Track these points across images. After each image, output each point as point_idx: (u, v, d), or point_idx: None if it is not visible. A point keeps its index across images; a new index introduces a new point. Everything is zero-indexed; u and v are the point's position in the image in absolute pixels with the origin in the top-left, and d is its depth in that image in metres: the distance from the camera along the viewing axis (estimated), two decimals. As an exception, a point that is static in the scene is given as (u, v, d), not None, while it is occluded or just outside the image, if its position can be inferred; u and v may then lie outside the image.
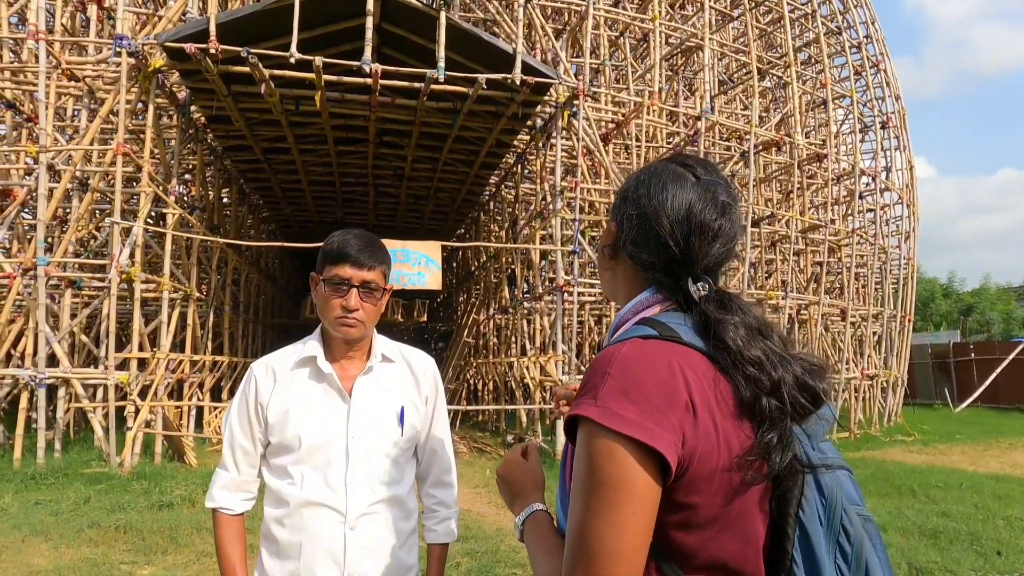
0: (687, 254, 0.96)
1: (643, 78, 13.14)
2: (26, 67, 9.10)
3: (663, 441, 0.81)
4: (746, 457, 0.86)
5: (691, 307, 0.95)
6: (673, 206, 0.97)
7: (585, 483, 0.84)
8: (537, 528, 1.02)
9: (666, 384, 0.84)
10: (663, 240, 0.96)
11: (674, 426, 0.82)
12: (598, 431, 0.82)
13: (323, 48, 9.10)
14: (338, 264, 1.54)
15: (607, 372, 0.85)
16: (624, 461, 0.81)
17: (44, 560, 4.65)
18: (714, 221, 0.96)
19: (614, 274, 1.05)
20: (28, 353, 8.19)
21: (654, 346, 0.88)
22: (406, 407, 1.62)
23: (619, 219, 1.02)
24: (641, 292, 1.00)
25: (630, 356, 0.86)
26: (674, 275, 0.97)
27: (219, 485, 1.58)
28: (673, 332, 0.91)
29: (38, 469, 7.30)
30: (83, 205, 8.84)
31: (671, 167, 1.01)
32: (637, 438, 0.81)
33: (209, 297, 11.30)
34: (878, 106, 16.46)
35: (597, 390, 0.84)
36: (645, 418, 0.82)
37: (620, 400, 0.82)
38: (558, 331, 9.47)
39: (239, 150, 12.18)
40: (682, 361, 0.87)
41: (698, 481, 0.84)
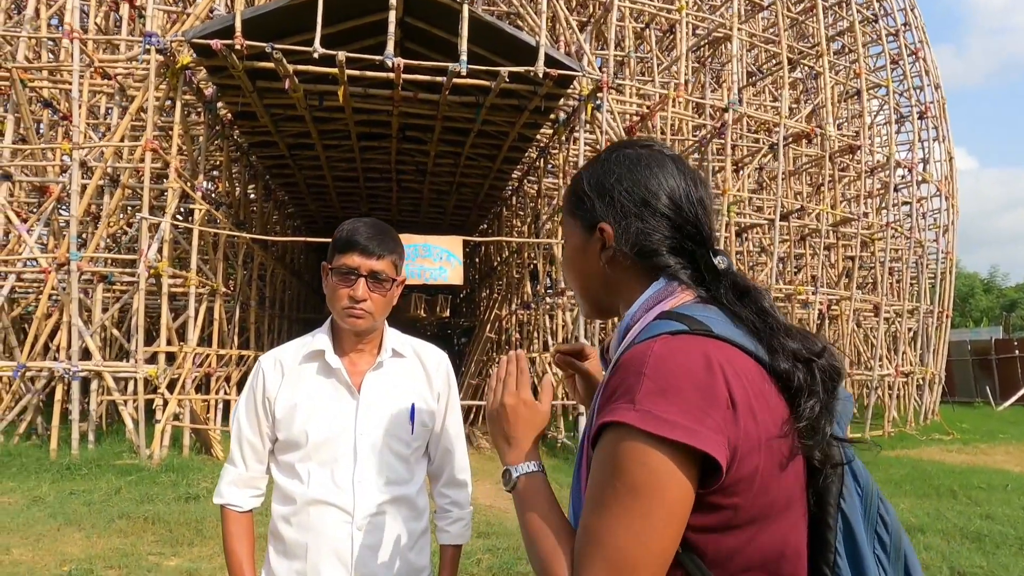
0: (698, 229, 0.93)
1: (669, 70, 12.94)
2: (61, 65, 9.30)
3: (712, 443, 0.77)
4: (787, 426, 0.82)
5: (716, 287, 0.91)
6: (669, 185, 0.94)
7: (611, 488, 0.79)
8: (537, 495, 0.94)
9: (706, 382, 0.79)
10: (676, 222, 0.93)
11: (719, 426, 0.78)
12: (635, 436, 0.77)
13: (346, 43, 9.12)
14: (346, 253, 1.50)
15: (641, 373, 0.80)
16: (660, 467, 0.77)
17: (77, 549, 4.76)
18: (706, 194, 0.96)
19: (607, 280, 0.97)
20: (63, 346, 8.38)
21: (687, 341, 0.83)
22: (417, 404, 1.57)
23: (615, 217, 0.95)
24: (646, 287, 0.93)
25: (664, 354, 0.81)
26: (688, 256, 0.93)
27: (227, 481, 1.56)
28: (702, 324, 0.85)
29: (73, 460, 7.48)
30: (113, 201, 9.01)
31: (634, 152, 0.97)
32: (685, 442, 0.76)
33: (236, 292, 11.45)
34: (916, 95, 15.98)
35: (633, 393, 0.79)
36: (690, 420, 0.77)
37: (659, 402, 0.78)
38: (580, 327, 9.39)
39: (265, 146, 12.30)
40: (719, 355, 0.82)
41: (739, 482, 0.80)
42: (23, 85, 8.85)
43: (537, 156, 12.53)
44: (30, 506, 5.84)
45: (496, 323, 14.38)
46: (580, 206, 0.99)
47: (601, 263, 0.97)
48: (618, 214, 0.95)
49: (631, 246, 0.94)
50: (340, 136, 11.96)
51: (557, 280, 10.94)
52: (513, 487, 0.98)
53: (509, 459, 1.00)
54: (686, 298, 0.91)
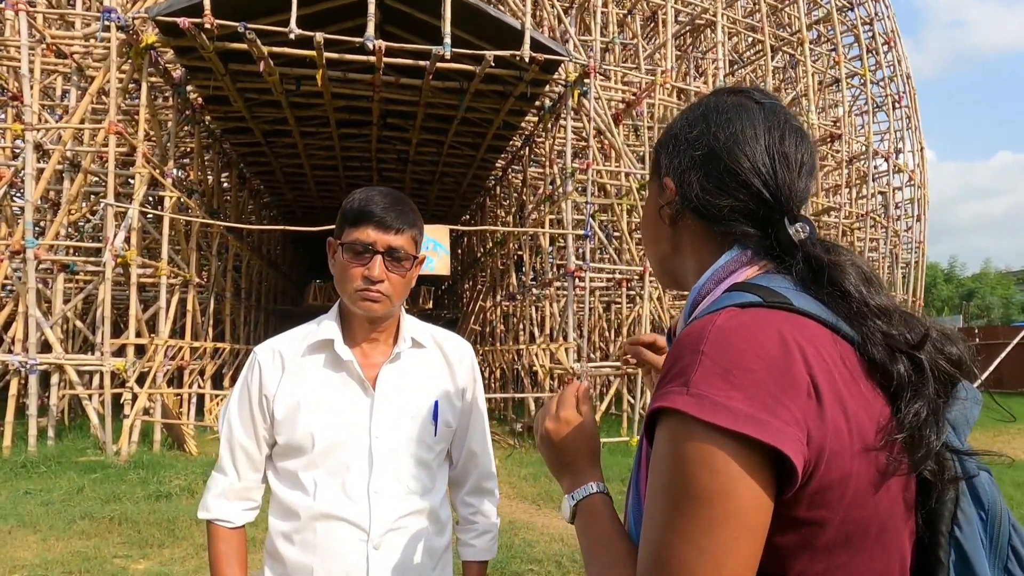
0: (777, 192, 0.77)
1: (652, 57, 12.78)
2: (6, 40, 8.74)
3: (784, 437, 0.62)
4: (887, 435, 0.66)
5: (791, 261, 0.75)
6: (747, 137, 0.78)
7: (670, 496, 0.65)
8: (595, 520, 0.82)
9: (780, 363, 0.64)
10: (745, 179, 0.77)
11: (796, 418, 0.63)
12: (691, 427, 0.63)
13: (324, 25, 8.76)
14: (359, 226, 1.27)
15: (699, 351, 0.65)
16: (726, 467, 0.62)
17: (30, 553, 4.43)
18: (796, 150, 0.79)
19: (675, 244, 0.84)
20: (19, 338, 7.93)
21: (757, 315, 0.68)
22: (440, 401, 1.35)
23: (677, 171, 0.81)
24: (717, 256, 0.79)
25: (729, 329, 0.66)
26: (762, 223, 0.78)
27: (215, 492, 1.31)
28: (781, 297, 0.70)
29: (29, 457, 7.07)
30: (74, 187, 8.55)
31: (725, 98, 0.83)
32: (749, 434, 0.61)
33: (209, 283, 11.04)
34: (888, 85, 16.11)
35: (688, 374, 0.65)
36: (757, 408, 0.62)
37: (721, 386, 0.63)
38: (569, 317, 9.21)
39: (239, 132, 11.86)
40: (797, 333, 0.67)
41: (827, 491, 0.64)
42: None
43: (522, 144, 12.29)
44: (-21, 508, 5.46)
45: (480, 315, 14.16)
46: (657, 161, 0.87)
47: (665, 223, 0.84)
48: (681, 167, 0.81)
49: (693, 206, 0.80)
50: (319, 123, 11.59)
51: (542, 271, 10.74)
52: (573, 516, 0.85)
53: (566, 487, 0.88)
54: (761, 270, 0.77)
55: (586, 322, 9.61)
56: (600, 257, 11.11)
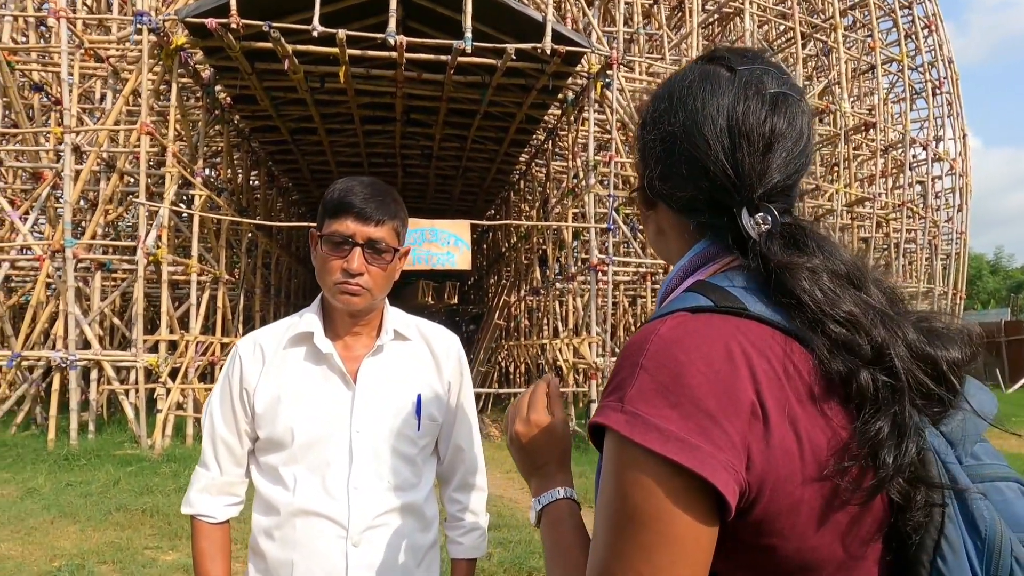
0: (736, 177, 0.67)
1: (678, 47, 12.58)
2: (49, 47, 9.03)
3: (714, 465, 0.57)
4: (840, 460, 0.59)
5: (749, 258, 0.68)
6: (707, 115, 0.69)
7: (610, 514, 0.61)
8: (558, 526, 0.79)
9: (722, 379, 0.59)
10: (700, 164, 0.68)
11: (732, 442, 0.58)
12: (626, 447, 0.59)
13: (346, 22, 8.83)
14: (338, 218, 1.26)
15: (638, 363, 0.61)
16: (659, 491, 0.58)
17: (70, 543, 4.58)
18: (762, 122, 0.68)
19: (657, 227, 0.78)
20: (60, 335, 8.21)
21: (706, 322, 0.62)
22: (424, 394, 1.33)
23: (640, 155, 0.76)
24: (691, 246, 0.73)
25: (671, 340, 0.61)
26: (724, 212, 0.69)
27: (198, 487, 1.32)
28: (734, 300, 0.64)
29: (71, 450, 7.31)
30: (109, 187, 8.80)
31: (697, 67, 0.74)
32: (677, 461, 0.57)
33: (239, 280, 11.25)
34: (929, 71, 15.58)
35: (624, 388, 0.61)
36: (690, 431, 0.57)
37: (655, 404, 0.59)
38: (592, 312, 9.15)
39: (266, 131, 12.05)
40: (747, 343, 0.61)
41: (774, 519, 0.59)
42: (11, 68, 8.60)
43: (545, 138, 12.23)
44: (24, 498, 5.67)
45: (505, 309, 14.17)
46: (637, 133, 0.81)
47: (644, 208, 0.79)
48: (643, 149, 0.75)
49: (655, 193, 0.74)
50: (343, 120, 11.70)
51: (566, 265, 10.69)
52: (538, 522, 0.82)
53: (534, 490, 0.85)
54: (725, 266, 0.70)
55: (609, 316, 9.54)
56: (625, 251, 11.01)
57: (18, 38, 9.87)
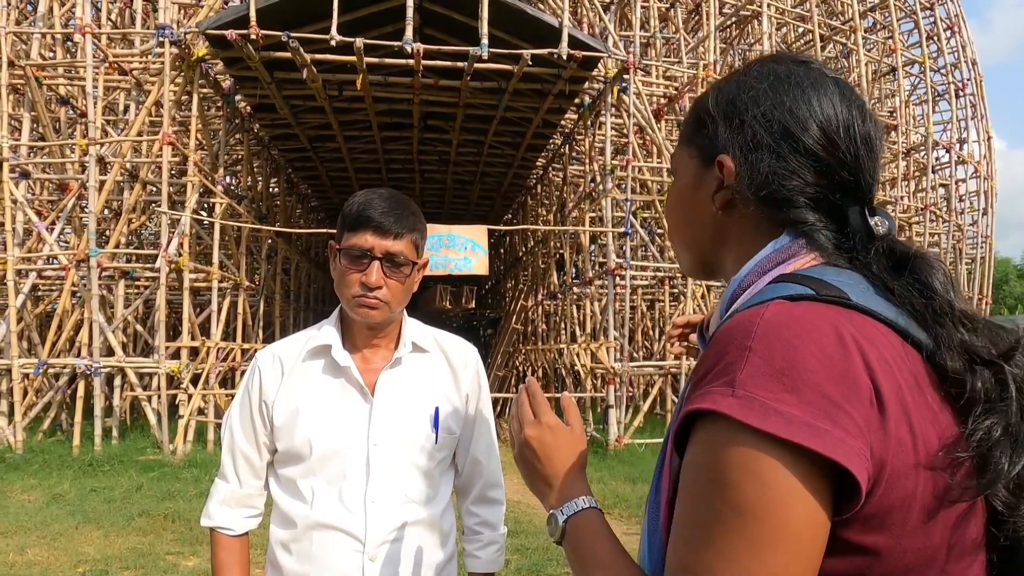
0: (856, 177, 0.69)
1: (695, 51, 12.52)
2: (75, 62, 9.23)
3: (847, 450, 0.53)
4: (951, 455, 0.57)
5: (860, 257, 0.66)
6: (825, 113, 0.69)
7: (709, 509, 0.56)
8: (592, 538, 0.73)
9: (838, 364, 0.55)
10: (822, 163, 0.68)
11: (858, 428, 0.54)
12: (737, 433, 0.55)
13: (364, 31, 8.91)
14: (357, 231, 1.27)
15: (746, 346, 0.57)
16: (778, 480, 0.54)
17: (93, 548, 4.65)
18: (876, 131, 0.71)
19: (720, 231, 0.74)
20: (85, 343, 8.35)
21: (811, 309, 0.59)
22: (441, 407, 1.33)
23: (742, 149, 0.70)
24: (764, 244, 0.70)
25: (780, 323, 0.57)
26: (831, 211, 0.69)
27: (217, 499, 1.32)
28: (836, 290, 0.61)
29: (95, 456, 7.43)
30: (132, 196, 8.94)
31: (784, 67, 0.73)
32: (806, 444, 0.53)
33: (260, 286, 11.37)
34: (952, 73, 15.33)
35: (733, 372, 0.56)
36: (815, 414, 0.54)
37: (771, 387, 0.55)
38: (610, 316, 9.11)
39: (286, 139, 12.19)
40: (856, 331, 0.58)
41: (886, 513, 0.55)
42: (39, 83, 8.79)
43: (562, 142, 12.23)
44: (50, 504, 5.76)
45: (522, 314, 14.16)
46: (699, 130, 0.75)
47: (714, 207, 0.73)
48: (747, 144, 0.70)
49: (757, 189, 0.69)
50: (361, 127, 11.79)
51: (584, 269, 10.66)
52: (562, 536, 0.75)
53: (552, 502, 0.78)
54: (813, 261, 0.67)
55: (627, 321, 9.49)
56: (643, 255, 10.95)
57: (46, 54, 10.09)
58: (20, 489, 6.25)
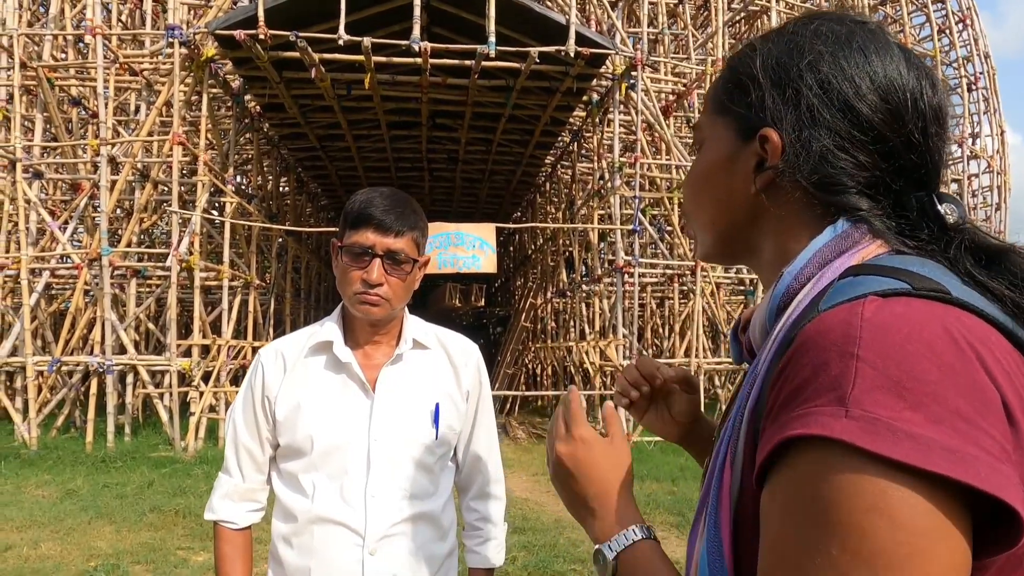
0: (923, 158, 0.59)
1: (704, 47, 12.46)
2: (86, 63, 9.32)
3: (1001, 479, 0.44)
4: None
5: (935, 249, 0.57)
6: (893, 84, 0.59)
7: (824, 559, 0.45)
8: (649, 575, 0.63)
9: (963, 372, 0.46)
10: (887, 141, 0.58)
11: (1003, 449, 0.45)
12: (859, 464, 0.44)
13: (372, 30, 8.94)
14: (359, 229, 1.27)
15: (853, 354, 0.46)
16: (915, 520, 0.44)
17: (106, 543, 4.71)
18: (947, 105, 0.61)
19: (756, 212, 0.64)
20: (97, 341, 8.45)
21: (912, 306, 0.49)
22: (442, 403, 1.34)
23: (785, 118, 0.60)
24: (813, 230, 0.60)
25: (887, 325, 0.47)
26: (891, 197, 0.59)
27: (220, 493, 1.34)
28: (933, 283, 0.51)
29: (108, 452, 7.51)
30: (143, 196, 9.03)
31: (843, 27, 0.62)
32: (953, 476, 0.43)
33: (270, 285, 11.45)
34: (964, 66, 15.17)
35: (842, 387, 0.46)
36: (953, 436, 0.44)
37: (892, 405, 0.45)
38: (618, 314, 9.10)
39: (295, 138, 12.25)
40: (966, 332, 0.48)
41: None
42: (51, 84, 8.88)
43: (570, 140, 12.21)
44: (63, 499, 5.84)
45: (531, 312, 14.17)
46: (739, 97, 0.64)
47: (753, 187, 0.63)
48: (800, 119, 0.60)
49: (810, 172, 0.59)
50: (370, 125, 11.83)
51: (593, 267, 10.65)
52: (613, 574, 0.65)
53: (596, 532, 0.68)
54: (880, 250, 0.58)
55: (636, 318, 9.47)
56: (652, 252, 10.92)
57: (58, 55, 10.20)
58: (34, 484, 6.34)
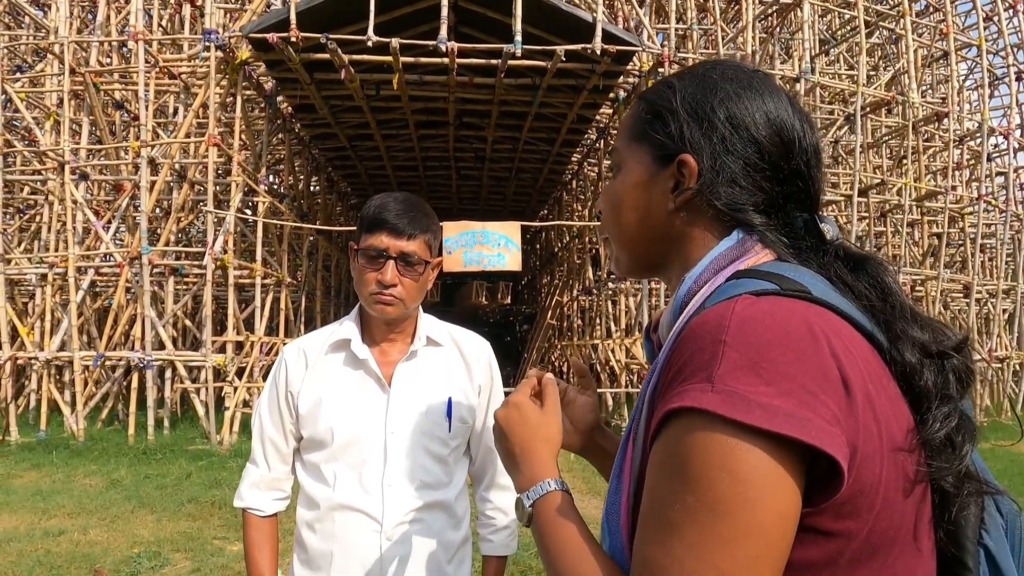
0: (807, 184, 0.72)
1: (735, 41, 12.30)
2: (129, 68, 9.64)
3: (830, 439, 0.55)
4: (912, 440, 0.61)
5: (813, 258, 0.70)
6: (784, 123, 0.72)
7: (676, 505, 0.57)
8: (559, 521, 0.72)
9: (809, 355, 0.57)
10: (778, 169, 0.71)
11: (835, 416, 0.56)
12: (715, 427, 0.56)
13: (400, 31, 9.06)
14: (374, 232, 1.35)
15: (721, 340, 0.58)
16: (753, 473, 0.55)
17: (148, 531, 4.92)
18: (820, 144, 0.76)
19: (671, 230, 0.74)
20: (138, 337, 8.75)
21: (778, 303, 0.61)
22: (455, 397, 1.41)
23: (702, 147, 0.71)
24: (715, 242, 0.72)
25: (751, 318, 0.59)
26: (781, 215, 0.72)
27: (248, 483, 1.44)
28: (798, 285, 0.63)
29: (148, 445, 7.79)
30: (181, 196, 9.31)
31: (744, 72, 0.75)
32: (790, 434, 0.54)
33: (302, 282, 11.69)
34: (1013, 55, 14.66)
35: (710, 368, 0.57)
36: (796, 404, 0.55)
37: (749, 381, 0.56)
38: (644, 312, 9.08)
39: (325, 138, 12.46)
40: (823, 323, 0.60)
41: (856, 498, 0.57)
42: (96, 88, 9.21)
43: (597, 137, 12.19)
44: (108, 488, 6.10)
45: (557, 309, 14.19)
46: (658, 126, 0.74)
47: (669, 207, 0.73)
48: (715, 148, 0.71)
49: (721, 193, 0.71)
50: (398, 125, 11.98)
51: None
52: (529, 520, 0.75)
53: (518, 484, 0.79)
54: (766, 257, 0.70)
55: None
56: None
57: (103, 60, 10.56)
58: (83, 474, 6.63)
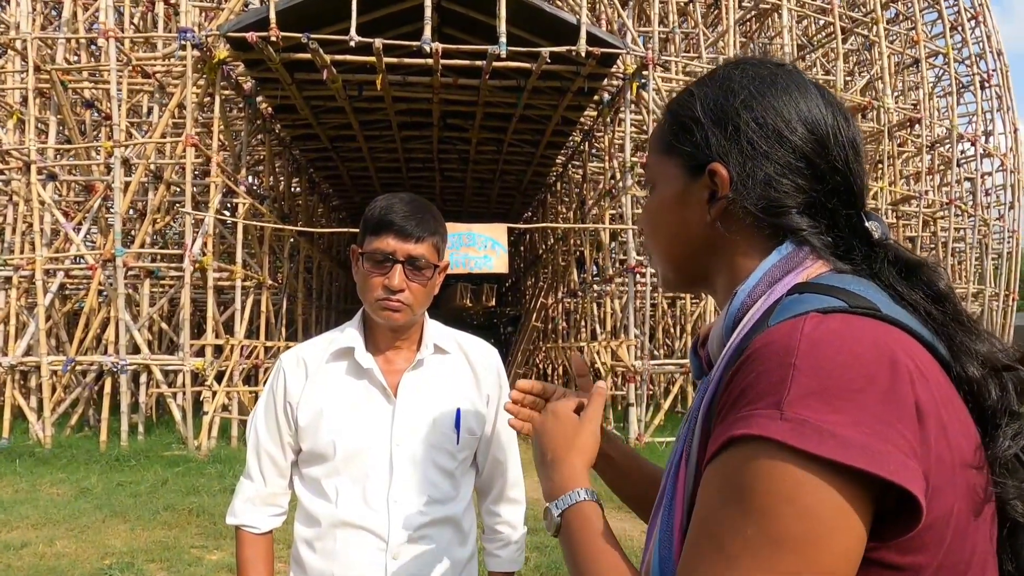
0: (848, 181, 0.68)
1: (715, 45, 12.40)
2: (99, 66, 9.40)
3: (908, 473, 0.51)
4: (981, 462, 0.57)
5: (863, 263, 0.65)
6: (814, 116, 0.68)
7: (735, 535, 0.53)
8: (588, 532, 0.70)
9: (885, 381, 0.53)
10: (815, 167, 0.67)
11: (911, 447, 0.52)
12: (784, 458, 0.52)
13: (383, 31, 8.96)
14: (380, 235, 1.27)
15: (789, 364, 0.53)
16: (821, 507, 0.51)
17: (120, 541, 4.75)
18: (859, 137, 0.70)
19: (711, 241, 0.70)
20: (111, 341, 8.52)
21: (847, 322, 0.56)
22: (463, 408, 1.34)
23: (730, 154, 0.68)
24: (762, 253, 0.67)
25: (820, 339, 0.54)
26: (824, 217, 0.67)
27: (243, 498, 1.35)
28: (866, 301, 0.58)
29: (122, 451, 7.58)
30: (157, 197, 9.10)
31: (766, 70, 0.71)
32: (867, 469, 0.50)
33: (282, 285, 11.51)
34: (977, 64, 15.02)
35: (779, 393, 0.53)
36: (871, 436, 0.51)
37: (820, 409, 0.52)
38: (630, 314, 9.08)
39: (307, 139, 12.30)
40: (894, 344, 0.56)
41: (926, 532, 0.53)
42: (64, 87, 8.96)
43: (581, 140, 12.20)
44: (77, 497, 5.90)
45: (543, 312, 14.17)
46: (684, 137, 0.71)
47: (707, 218, 0.70)
48: (743, 152, 0.67)
49: (757, 198, 0.67)
50: (381, 126, 11.87)
51: (604, 267, 10.63)
52: (557, 530, 0.73)
53: (548, 492, 0.77)
54: (822, 268, 0.65)
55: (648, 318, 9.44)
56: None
57: (71, 58, 10.29)
58: (49, 483, 6.40)
